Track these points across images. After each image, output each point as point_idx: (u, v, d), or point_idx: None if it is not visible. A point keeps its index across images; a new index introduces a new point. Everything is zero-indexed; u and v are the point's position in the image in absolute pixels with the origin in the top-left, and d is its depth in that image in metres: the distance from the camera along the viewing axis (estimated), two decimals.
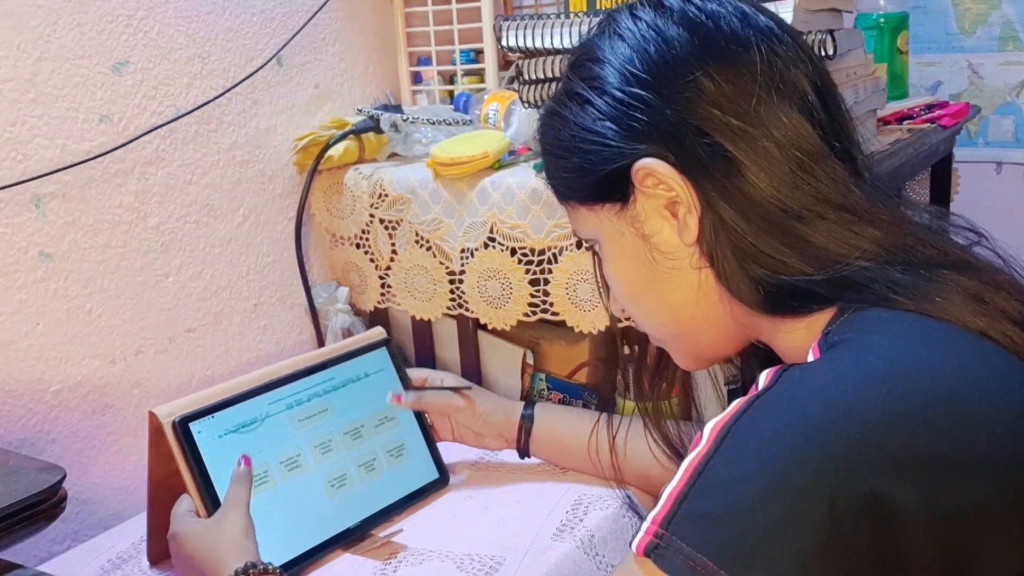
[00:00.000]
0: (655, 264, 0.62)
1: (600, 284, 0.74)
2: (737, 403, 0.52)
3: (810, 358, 0.55)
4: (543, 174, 0.70)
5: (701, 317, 0.63)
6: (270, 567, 0.72)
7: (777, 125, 0.58)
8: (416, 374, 1.01)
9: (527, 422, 0.97)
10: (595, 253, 0.72)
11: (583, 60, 0.64)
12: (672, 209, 0.60)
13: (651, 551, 0.48)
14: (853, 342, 0.53)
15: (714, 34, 0.59)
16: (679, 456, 0.81)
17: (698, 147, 0.58)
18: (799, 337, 0.59)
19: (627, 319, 0.74)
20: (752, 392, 0.52)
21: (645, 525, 0.49)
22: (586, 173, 0.63)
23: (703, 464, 0.49)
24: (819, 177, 0.57)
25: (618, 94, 0.60)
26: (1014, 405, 0.50)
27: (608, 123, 0.61)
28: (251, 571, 0.71)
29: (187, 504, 0.81)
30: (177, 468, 0.82)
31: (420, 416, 0.99)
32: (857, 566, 0.46)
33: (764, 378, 0.53)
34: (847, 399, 0.48)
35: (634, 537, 0.50)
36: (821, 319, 0.57)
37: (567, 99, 0.64)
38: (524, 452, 0.98)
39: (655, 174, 0.59)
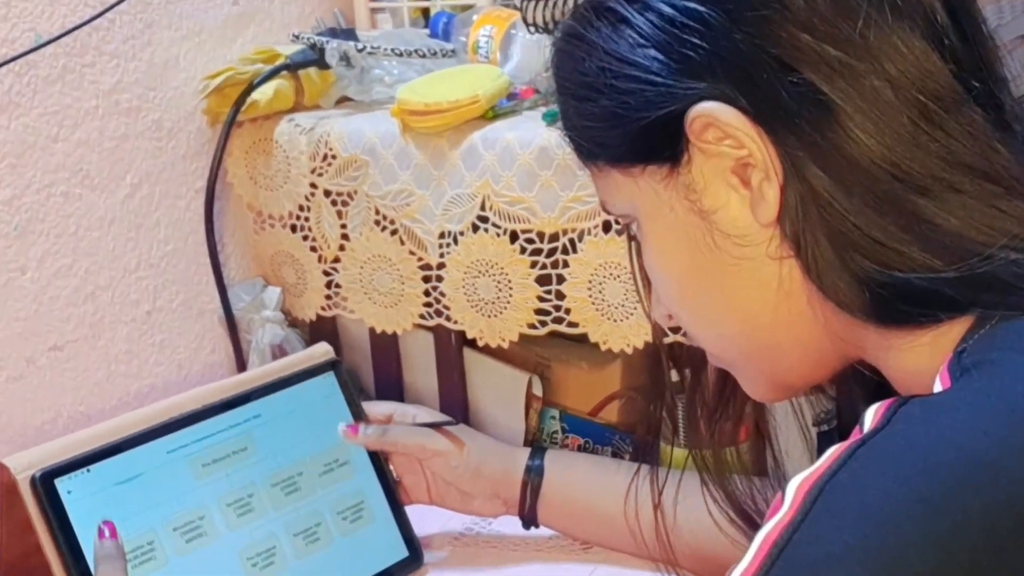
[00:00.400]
0: (717, 252, 0.62)
1: (639, 280, 0.73)
2: (833, 452, 0.52)
3: (937, 387, 0.55)
4: (558, 124, 0.70)
5: (782, 327, 0.64)
6: None
7: (893, 57, 0.57)
8: (376, 410, 1.01)
9: (534, 477, 0.97)
10: (631, 236, 0.72)
11: None
12: (742, 174, 0.60)
13: None
14: (998, 366, 0.53)
15: None
16: (752, 525, 0.81)
17: (780, 87, 0.58)
18: (920, 358, 0.59)
19: (676, 330, 0.73)
20: (855, 436, 0.52)
21: None
22: (621, 122, 0.63)
23: (786, 537, 0.50)
24: (951, 131, 0.57)
25: (668, 10, 0.60)
26: None
27: (653, 51, 0.60)
28: None
29: None
30: (38, 541, 0.82)
31: (382, 469, 0.99)
32: None
33: (871, 417, 0.53)
34: (989, 447, 0.48)
35: None
36: (952, 332, 0.57)
37: (594, 16, 0.64)
38: (530, 520, 0.98)
39: (719, 124, 0.59)
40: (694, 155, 0.61)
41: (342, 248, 1.16)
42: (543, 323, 1.07)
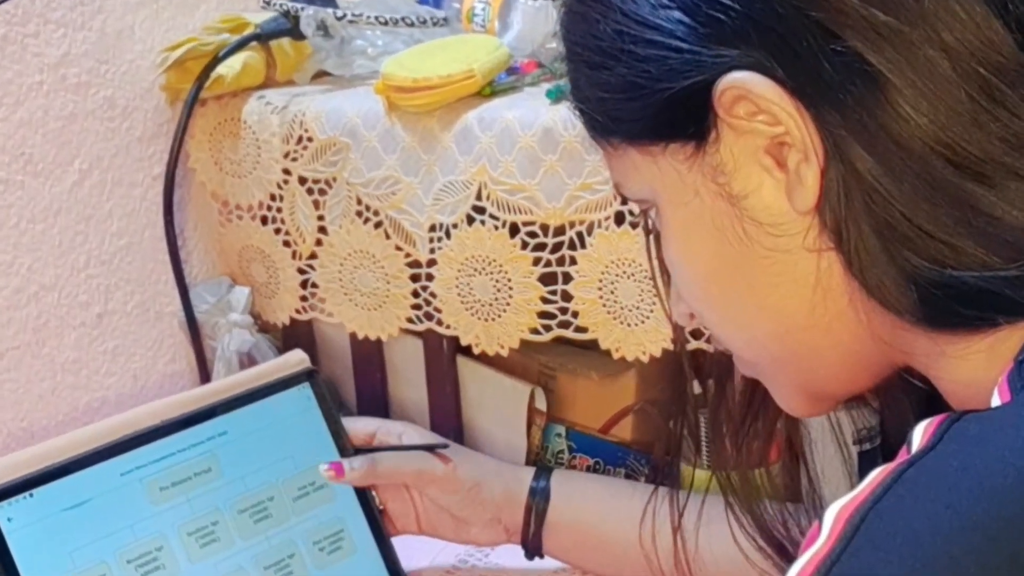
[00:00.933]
0: (748, 242, 0.62)
1: (658, 276, 0.74)
2: (877, 475, 0.52)
3: (995, 401, 0.55)
4: (567, 99, 0.69)
5: (820, 329, 0.63)
6: None
7: (950, 23, 0.57)
8: (357, 426, 1.01)
9: (539, 500, 0.97)
10: (648, 227, 0.72)
11: None
12: (777, 154, 0.60)
13: None
14: None
15: None
16: (784, 555, 0.81)
17: (822, 56, 0.57)
18: (975, 368, 0.59)
19: (699, 335, 0.73)
20: (901, 457, 0.52)
21: None
22: (640, 93, 0.62)
23: (824, 570, 0.50)
24: (1015, 110, 0.57)
25: None
26: None
27: (678, 12, 0.60)
28: None
29: None
30: None
31: (365, 496, 0.99)
32: None
33: (921, 435, 0.53)
34: None
35: None
36: (1012, 339, 0.57)
37: None
38: (534, 549, 0.98)
39: (752, 97, 0.58)
40: (723, 132, 0.61)
41: (319, 243, 1.15)
42: (547, 328, 1.07)
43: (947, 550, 0.48)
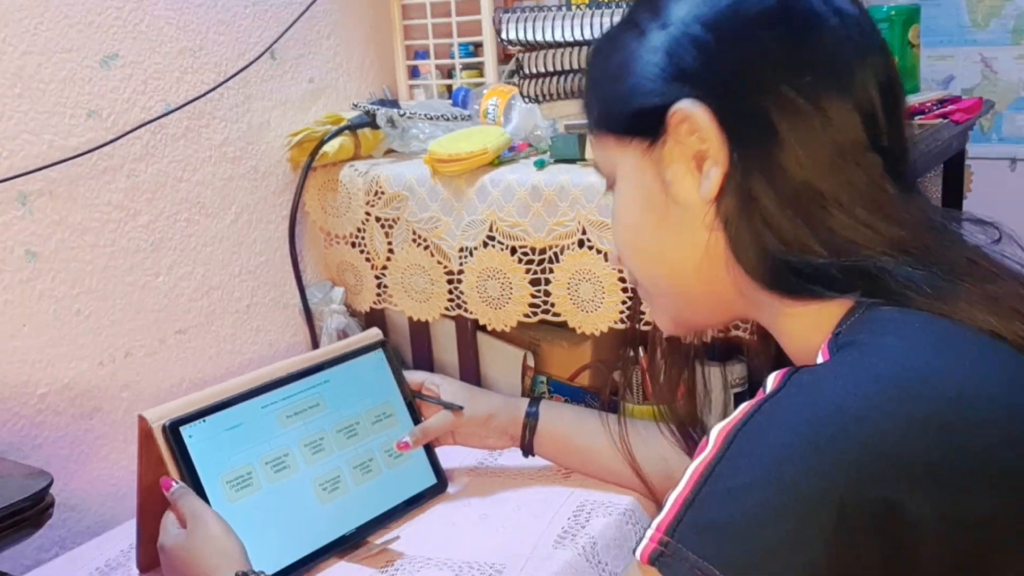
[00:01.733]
0: (667, 213, 0.61)
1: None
2: (744, 407, 0.51)
3: (819, 360, 0.54)
4: (583, 102, 0.69)
5: (701, 281, 0.62)
6: (262, 575, 0.72)
7: (830, 108, 0.56)
8: (412, 377, 1.01)
9: (531, 420, 0.96)
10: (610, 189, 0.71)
11: None
12: (699, 160, 0.59)
13: (656, 559, 0.48)
14: (865, 345, 0.52)
15: (796, 1, 0.58)
16: (688, 450, 0.80)
17: (745, 108, 0.57)
18: (805, 327, 0.58)
19: (627, 314, 0.72)
20: (760, 395, 0.52)
21: (649, 532, 0.49)
22: (626, 102, 0.62)
23: (709, 470, 0.49)
24: (856, 169, 0.57)
25: (679, 30, 0.59)
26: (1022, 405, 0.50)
27: (660, 56, 0.60)
28: None
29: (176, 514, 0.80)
30: (167, 473, 0.82)
31: (418, 420, 0.99)
32: (870, 572, 0.46)
33: (772, 381, 0.52)
34: (858, 405, 0.48)
35: (638, 544, 0.49)
36: (830, 312, 0.56)
37: (627, 26, 0.63)
38: (528, 450, 0.97)
39: (691, 121, 0.58)
40: (668, 139, 0.60)
41: (388, 259, 1.15)
42: (535, 313, 1.07)
43: (788, 457, 0.47)
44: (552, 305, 1.05)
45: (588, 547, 0.85)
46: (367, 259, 1.18)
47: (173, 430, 0.82)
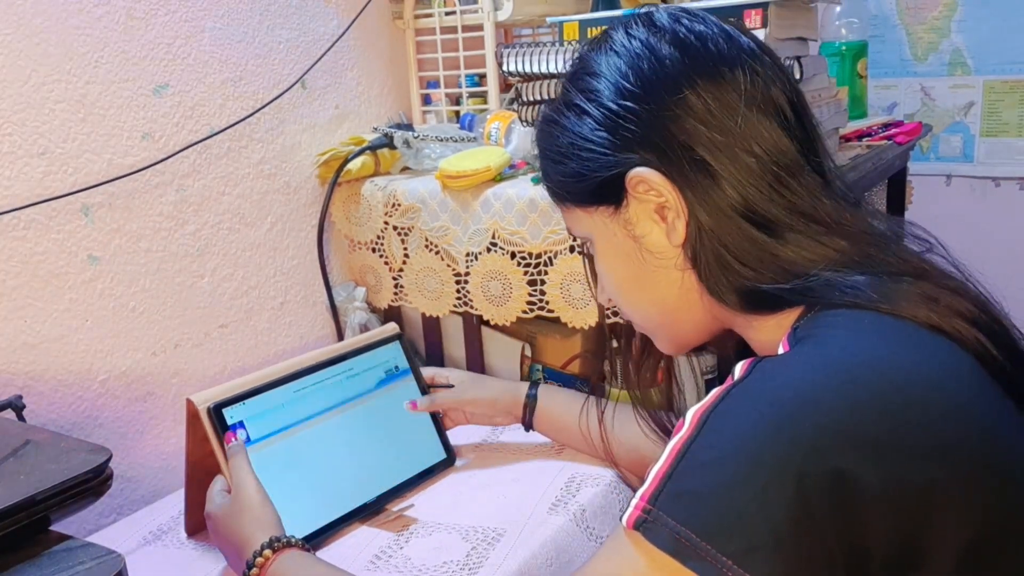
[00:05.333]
0: (644, 263, 0.61)
1: (590, 278, 0.73)
2: (715, 391, 0.51)
3: (780, 351, 0.54)
4: (541, 179, 0.69)
5: (682, 310, 0.63)
6: (292, 540, 0.71)
7: (758, 139, 0.57)
8: (425, 372, 1.01)
9: (531, 400, 0.96)
10: (586, 253, 0.71)
11: (581, 73, 0.62)
12: (661, 213, 0.59)
13: (640, 525, 0.48)
14: (819, 337, 0.52)
15: (702, 54, 0.58)
16: (667, 435, 0.80)
17: (683, 159, 0.57)
18: (770, 332, 0.58)
19: (613, 309, 0.73)
20: (728, 382, 0.52)
21: (634, 501, 0.49)
22: (583, 179, 0.62)
23: (686, 447, 0.49)
24: (793, 189, 0.57)
25: (613, 106, 0.59)
26: (962, 392, 0.50)
27: (603, 132, 0.60)
28: (275, 545, 0.70)
29: (220, 484, 0.80)
30: (211, 449, 0.82)
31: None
32: (824, 536, 0.46)
33: (739, 369, 0.53)
34: (813, 389, 0.48)
35: (624, 512, 0.49)
36: (790, 316, 0.57)
37: (565, 109, 0.63)
38: (528, 426, 0.97)
39: (647, 181, 0.58)
40: (631, 201, 0.60)
41: (404, 262, 1.15)
42: (532, 310, 1.07)
43: (753, 435, 0.48)
44: (547, 303, 1.05)
45: (578, 514, 0.85)
46: (386, 262, 1.18)
47: (217, 411, 0.82)
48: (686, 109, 0.57)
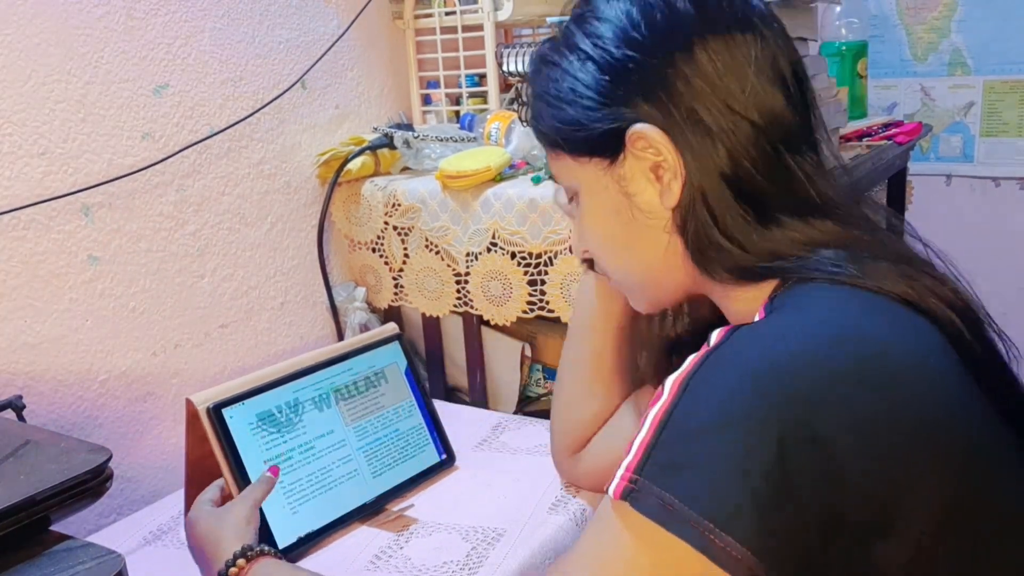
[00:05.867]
0: (632, 221, 0.60)
1: (574, 229, 0.70)
2: (693, 358, 0.51)
3: (756, 319, 0.54)
4: (530, 121, 0.65)
5: (664, 272, 0.62)
6: (265, 549, 0.70)
7: (761, 109, 0.55)
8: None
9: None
10: (571, 205, 0.68)
11: (588, 16, 0.60)
12: (656, 172, 0.58)
13: (627, 495, 0.48)
14: (795, 306, 0.53)
15: (716, 11, 0.56)
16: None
17: (687, 120, 0.56)
18: (747, 301, 0.58)
19: (586, 256, 0.70)
20: (705, 349, 0.52)
21: (620, 472, 0.49)
22: (580, 128, 0.59)
23: (667, 416, 0.49)
24: (788, 166, 0.56)
25: (617, 52, 0.57)
26: (937, 366, 0.51)
27: (608, 82, 0.57)
28: (248, 553, 0.69)
29: (210, 494, 0.79)
30: (211, 449, 0.82)
31: (430, 405, 0.98)
32: (803, 500, 0.46)
33: (716, 336, 0.52)
34: (792, 357, 0.48)
35: (611, 484, 0.49)
36: (765, 289, 0.57)
37: (568, 51, 0.60)
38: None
39: (647, 138, 0.56)
40: (627, 156, 0.58)
41: (404, 262, 1.15)
42: (532, 310, 1.07)
43: (731, 401, 0.48)
44: (547, 303, 1.05)
45: (578, 513, 0.85)
46: (386, 262, 1.18)
47: (216, 412, 0.82)
48: (694, 67, 0.55)
